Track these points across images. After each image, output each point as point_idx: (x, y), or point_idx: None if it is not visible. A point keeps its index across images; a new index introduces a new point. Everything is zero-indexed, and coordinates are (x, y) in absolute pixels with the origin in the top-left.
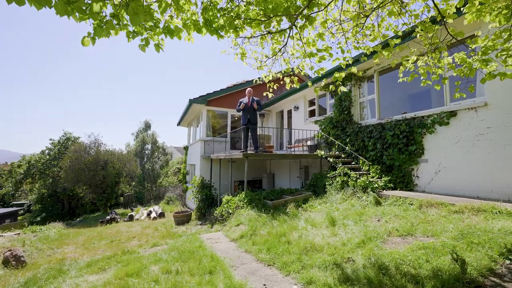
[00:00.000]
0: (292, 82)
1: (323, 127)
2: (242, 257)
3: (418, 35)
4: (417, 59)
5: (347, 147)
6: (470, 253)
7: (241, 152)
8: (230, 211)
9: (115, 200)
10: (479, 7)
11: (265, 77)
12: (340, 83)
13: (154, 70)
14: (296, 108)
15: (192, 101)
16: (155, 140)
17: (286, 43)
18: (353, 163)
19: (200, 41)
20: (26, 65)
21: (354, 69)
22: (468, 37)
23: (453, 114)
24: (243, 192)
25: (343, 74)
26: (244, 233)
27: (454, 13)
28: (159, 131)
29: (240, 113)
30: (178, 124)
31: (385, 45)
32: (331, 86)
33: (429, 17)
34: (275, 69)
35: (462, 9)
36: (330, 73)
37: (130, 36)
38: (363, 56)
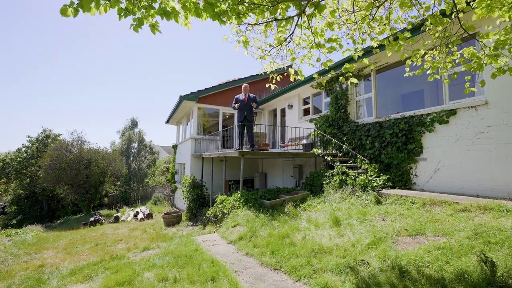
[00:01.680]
0: (297, 73)
1: (318, 125)
2: (244, 260)
3: (427, 28)
4: (425, 53)
5: (344, 146)
6: (491, 253)
7: (236, 150)
8: (226, 212)
9: (99, 201)
10: (489, 2)
11: (268, 67)
12: (351, 74)
13: (140, 66)
14: (290, 106)
15: (182, 98)
16: (142, 138)
17: (293, 32)
18: (350, 161)
19: (192, 38)
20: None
21: (366, 61)
22: (473, 34)
23: (452, 112)
24: (238, 192)
25: (354, 65)
26: (243, 234)
27: (465, 7)
28: (146, 130)
29: (235, 111)
30: (167, 122)
31: (395, 38)
32: (340, 78)
33: (439, 10)
34: (279, 60)
35: (472, 3)
36: (339, 65)
37: (122, 14)
38: (375, 48)
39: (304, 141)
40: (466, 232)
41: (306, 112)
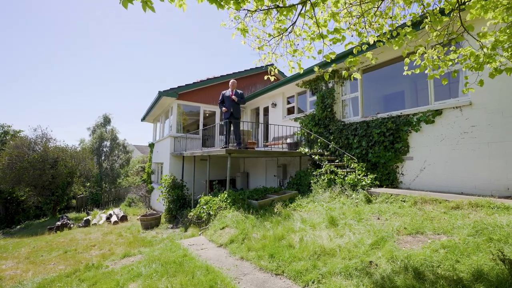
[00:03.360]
0: (294, 67)
1: (304, 124)
2: (240, 266)
3: (426, 26)
4: (424, 53)
5: (331, 144)
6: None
7: (223, 148)
8: (212, 213)
9: (66, 203)
10: (483, 2)
11: (265, 58)
12: (354, 69)
13: (110, 59)
14: (274, 105)
15: (161, 94)
16: (115, 136)
17: (295, 22)
18: (337, 160)
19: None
20: None
21: (369, 54)
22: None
23: (438, 112)
24: (225, 192)
25: (359, 59)
26: (234, 237)
27: (460, 5)
28: (119, 128)
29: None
30: (143, 119)
31: (394, 35)
32: (344, 72)
33: (439, 8)
34: (279, 51)
35: (467, 3)
36: (340, 58)
37: None
38: (378, 42)
39: (289, 140)
40: (467, 230)
41: (290, 111)
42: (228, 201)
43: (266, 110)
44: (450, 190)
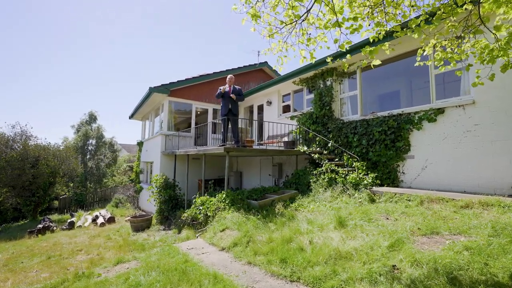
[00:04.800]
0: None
1: (301, 122)
2: (249, 272)
3: (441, 18)
4: (435, 45)
5: (330, 143)
6: None
7: (221, 146)
8: (209, 214)
9: (48, 205)
10: None
11: (276, 47)
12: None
13: (97, 54)
14: (269, 103)
15: (152, 90)
16: (101, 134)
17: (310, 8)
18: (336, 159)
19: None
20: None
21: (386, 45)
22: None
23: (440, 111)
24: (223, 192)
25: (380, 47)
26: (237, 240)
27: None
28: (105, 126)
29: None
30: (131, 117)
31: (404, 26)
32: (363, 62)
33: None
34: (290, 41)
35: None
36: (356, 48)
37: None
38: (395, 33)
39: (286, 139)
40: (486, 230)
41: (285, 109)
42: (226, 202)
43: (260, 108)
44: (453, 189)
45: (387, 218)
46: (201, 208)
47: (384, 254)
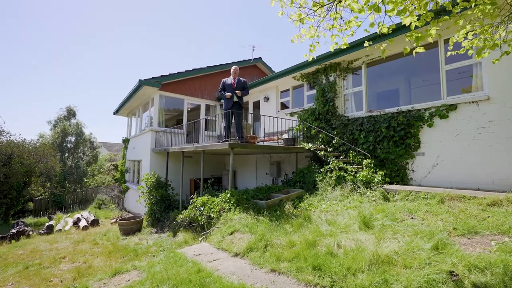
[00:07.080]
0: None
1: (303, 119)
2: (278, 282)
3: (473, 4)
4: (468, 33)
5: (335, 140)
6: None
7: (224, 141)
8: (213, 216)
9: (22, 207)
10: None
11: (305, 32)
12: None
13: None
14: (266, 99)
15: (142, 83)
16: (81, 131)
17: None
18: (342, 156)
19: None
20: None
21: (433, 31)
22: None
23: (452, 107)
24: (227, 191)
25: (428, 32)
26: (252, 244)
27: None
28: (85, 122)
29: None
30: (116, 112)
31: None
32: (405, 48)
33: None
34: (321, 29)
35: None
36: (395, 31)
37: None
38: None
39: (285, 136)
40: None
41: (283, 105)
42: (231, 202)
43: (256, 104)
44: (465, 186)
45: (412, 218)
46: (202, 209)
47: (430, 257)
